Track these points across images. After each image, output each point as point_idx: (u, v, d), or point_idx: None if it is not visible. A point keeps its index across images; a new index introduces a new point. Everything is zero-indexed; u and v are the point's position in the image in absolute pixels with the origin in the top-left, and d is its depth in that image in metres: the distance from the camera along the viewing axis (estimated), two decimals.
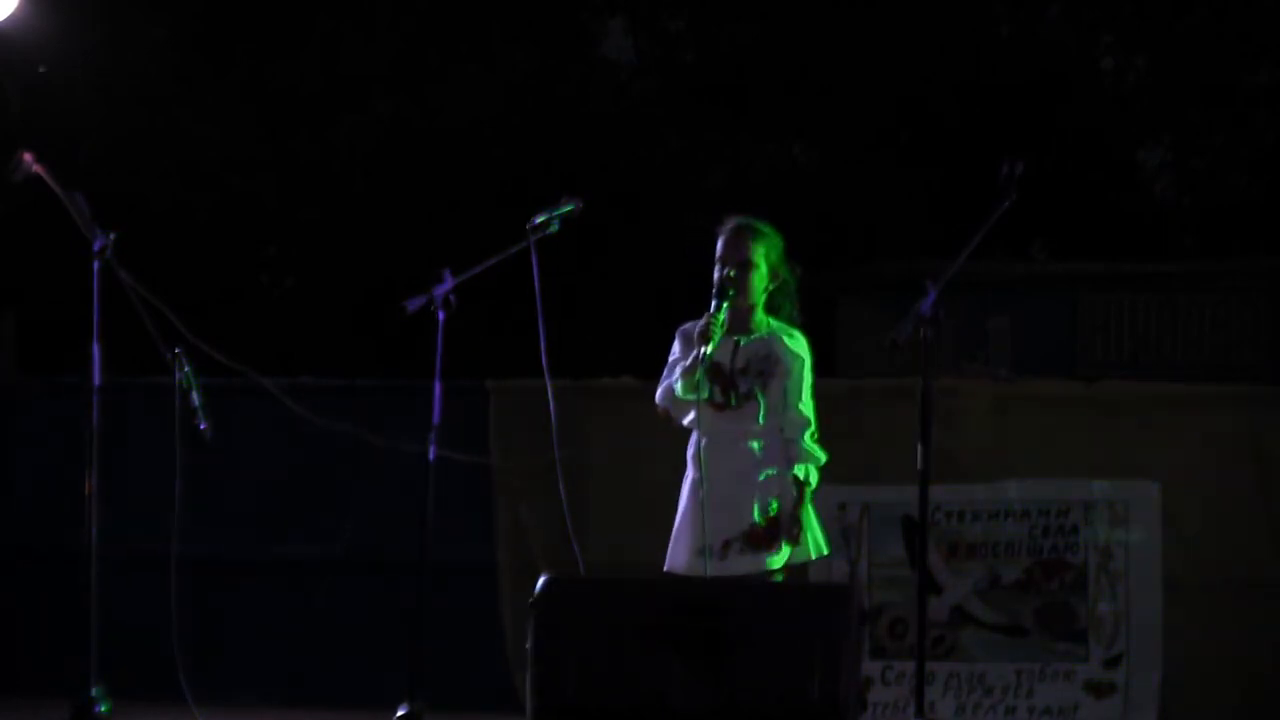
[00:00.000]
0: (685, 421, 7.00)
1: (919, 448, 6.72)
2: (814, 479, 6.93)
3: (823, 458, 6.95)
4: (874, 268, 22.41)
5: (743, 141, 24.73)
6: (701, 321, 6.88)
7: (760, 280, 6.96)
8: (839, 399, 8.77)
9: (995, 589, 9.03)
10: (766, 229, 7.04)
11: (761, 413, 6.90)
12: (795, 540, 6.87)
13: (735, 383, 6.93)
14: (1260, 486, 8.92)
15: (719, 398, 6.93)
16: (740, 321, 6.98)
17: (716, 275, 6.96)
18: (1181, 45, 24.76)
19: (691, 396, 6.87)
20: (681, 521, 6.98)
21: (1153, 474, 8.91)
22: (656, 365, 7.13)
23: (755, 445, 6.90)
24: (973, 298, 20.36)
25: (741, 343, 6.96)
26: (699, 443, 6.96)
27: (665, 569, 6.97)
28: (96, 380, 7.45)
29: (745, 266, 6.94)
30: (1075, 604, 8.94)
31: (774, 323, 7.02)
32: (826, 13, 23.87)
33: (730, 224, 7.04)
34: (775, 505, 6.85)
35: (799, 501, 6.87)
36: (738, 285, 6.92)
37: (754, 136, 24.76)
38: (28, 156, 7.53)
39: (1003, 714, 8.89)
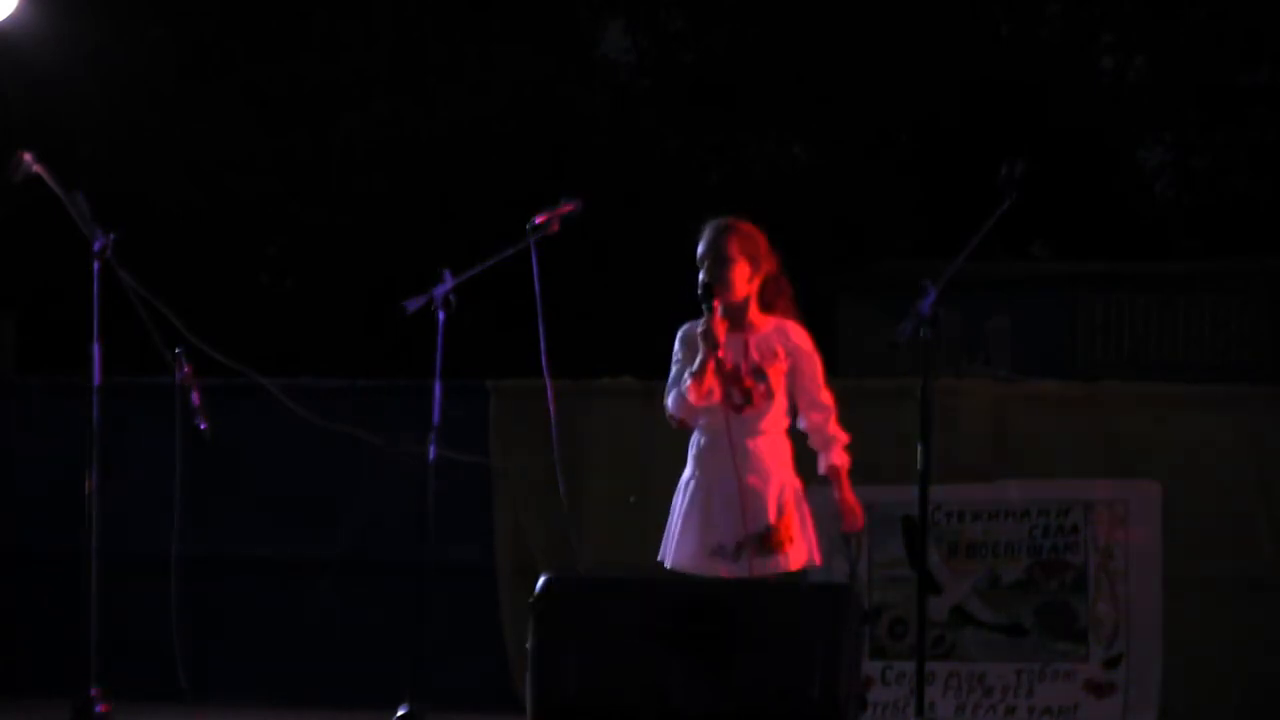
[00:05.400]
0: (701, 425, 6.97)
1: (919, 448, 6.72)
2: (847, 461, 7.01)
3: (846, 438, 7.01)
4: (874, 268, 22.37)
5: (743, 141, 24.72)
6: (701, 325, 6.85)
7: (743, 274, 6.93)
8: (839, 399, 8.76)
9: (995, 589, 9.03)
10: (742, 226, 7.01)
11: (773, 411, 6.89)
12: (858, 525, 6.99)
13: (751, 383, 6.90)
14: (1260, 486, 8.92)
15: (737, 399, 6.89)
16: (739, 319, 6.95)
17: (700, 279, 6.93)
18: (1181, 45, 24.74)
19: (706, 402, 6.86)
20: (686, 519, 6.92)
21: (1153, 474, 8.91)
22: (656, 365, 7.12)
23: (764, 445, 6.89)
24: (973, 298, 20.33)
25: (751, 341, 6.93)
26: (699, 442, 6.95)
27: (670, 565, 6.92)
28: (96, 380, 7.46)
29: (723, 262, 6.90)
30: (1075, 604, 8.93)
31: (773, 317, 7.01)
32: (826, 12, 23.84)
33: (707, 226, 7.03)
34: (783, 507, 6.84)
35: (841, 487, 6.95)
36: (720, 282, 6.89)
37: (754, 136, 24.75)
38: (28, 156, 7.54)
39: (1003, 714, 8.89)
